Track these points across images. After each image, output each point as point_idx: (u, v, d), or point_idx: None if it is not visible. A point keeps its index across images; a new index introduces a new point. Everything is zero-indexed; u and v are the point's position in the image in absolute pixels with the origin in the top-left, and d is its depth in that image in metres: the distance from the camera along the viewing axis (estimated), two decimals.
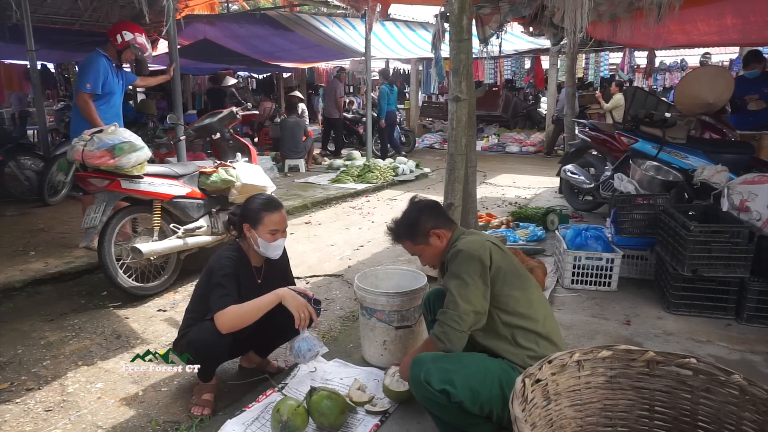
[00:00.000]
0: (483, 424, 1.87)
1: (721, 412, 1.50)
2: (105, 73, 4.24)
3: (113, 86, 4.34)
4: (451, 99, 3.30)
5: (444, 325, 1.90)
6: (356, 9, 5.44)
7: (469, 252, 1.96)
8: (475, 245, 1.98)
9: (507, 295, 1.95)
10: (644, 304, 3.48)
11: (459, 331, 1.88)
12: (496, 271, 1.95)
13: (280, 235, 2.43)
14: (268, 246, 2.41)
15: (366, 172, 8.22)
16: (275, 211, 2.41)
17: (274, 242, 2.41)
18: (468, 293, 1.89)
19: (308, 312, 2.26)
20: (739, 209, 3.39)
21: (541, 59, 13.46)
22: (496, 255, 1.98)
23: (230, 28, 10.07)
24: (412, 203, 2.26)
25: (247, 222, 2.41)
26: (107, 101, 4.34)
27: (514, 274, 2.00)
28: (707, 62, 11.37)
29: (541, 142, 12.12)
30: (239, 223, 2.45)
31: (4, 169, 6.20)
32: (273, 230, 2.39)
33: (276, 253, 2.46)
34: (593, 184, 5.62)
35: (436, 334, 1.93)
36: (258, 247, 2.41)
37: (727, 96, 5.30)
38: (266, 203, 2.43)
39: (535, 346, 1.92)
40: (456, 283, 1.93)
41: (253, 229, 2.39)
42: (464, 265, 1.93)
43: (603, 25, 5.62)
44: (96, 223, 3.53)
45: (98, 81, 4.20)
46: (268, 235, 2.38)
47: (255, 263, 2.50)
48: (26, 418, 2.35)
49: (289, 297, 2.26)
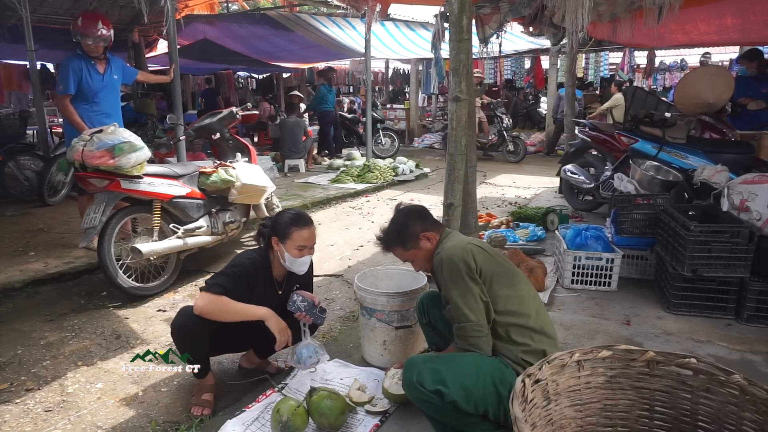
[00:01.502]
0: (480, 423, 1.88)
1: (721, 412, 1.50)
2: (78, 72, 4.16)
3: (93, 85, 4.24)
4: (451, 99, 3.30)
5: (469, 339, 1.91)
6: (356, 9, 5.44)
7: (453, 258, 1.98)
8: (457, 250, 2.00)
9: (496, 295, 1.96)
10: (644, 304, 3.48)
11: (483, 336, 1.91)
12: (482, 273, 1.97)
13: (308, 251, 2.42)
14: (294, 261, 2.40)
15: (366, 172, 8.21)
16: (305, 227, 2.40)
17: (301, 258, 2.40)
18: (471, 299, 1.91)
19: (289, 335, 2.32)
20: (739, 209, 3.39)
21: (541, 59, 13.46)
22: (479, 257, 1.99)
23: (230, 28, 10.07)
24: (397, 210, 2.29)
25: (276, 236, 2.40)
26: (90, 100, 4.27)
27: (501, 273, 2.02)
28: (707, 62, 11.38)
29: (541, 142, 12.12)
30: (268, 235, 2.44)
31: (4, 169, 6.20)
32: (301, 246, 2.37)
33: (302, 269, 2.46)
34: (593, 184, 5.62)
35: (465, 349, 1.94)
36: (284, 261, 2.40)
37: (727, 96, 5.30)
38: (296, 219, 2.42)
39: (530, 341, 1.93)
40: (455, 293, 1.94)
41: (281, 243, 2.38)
42: (454, 274, 1.96)
43: (603, 24, 5.62)
44: (96, 223, 3.52)
45: (69, 82, 4.13)
46: (295, 250, 2.37)
47: (277, 274, 2.50)
48: (26, 419, 2.35)
49: (273, 320, 2.29)
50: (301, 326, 2.44)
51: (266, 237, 2.47)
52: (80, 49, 4.23)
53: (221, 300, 2.22)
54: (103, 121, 4.15)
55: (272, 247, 2.43)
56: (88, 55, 4.23)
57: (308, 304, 2.42)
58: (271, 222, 2.48)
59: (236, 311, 2.26)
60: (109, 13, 7.79)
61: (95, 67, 4.26)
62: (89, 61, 4.23)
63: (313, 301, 2.45)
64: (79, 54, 4.22)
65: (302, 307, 2.39)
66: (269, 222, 2.50)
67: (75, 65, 4.16)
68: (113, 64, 4.41)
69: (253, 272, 2.37)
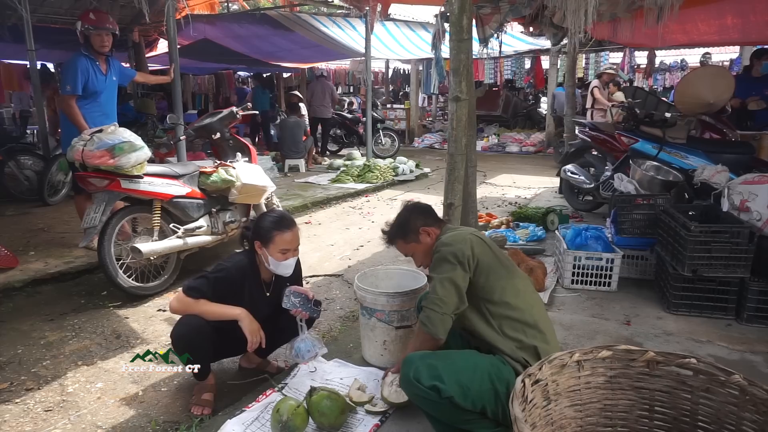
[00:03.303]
0: (479, 420, 1.88)
1: (721, 412, 1.50)
2: (85, 72, 4.14)
3: (98, 85, 4.25)
4: (451, 99, 3.30)
5: (427, 309, 1.96)
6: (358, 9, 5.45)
7: (449, 243, 2.03)
8: (457, 238, 2.06)
9: (492, 286, 1.99)
10: (644, 304, 3.48)
11: (441, 313, 1.93)
12: (479, 263, 2.00)
13: (291, 254, 2.40)
14: (279, 265, 2.38)
15: (366, 172, 8.22)
16: (286, 230, 2.36)
17: (285, 261, 2.38)
18: (447, 277, 1.95)
19: (261, 336, 2.32)
20: (740, 209, 3.39)
21: (541, 59, 13.46)
22: (478, 248, 2.02)
23: (230, 27, 10.07)
24: (404, 206, 2.35)
25: (258, 240, 2.38)
26: (93, 101, 4.26)
27: (499, 265, 2.05)
28: (707, 62, 11.37)
29: (541, 142, 12.12)
30: (251, 239, 2.43)
31: (4, 169, 6.20)
32: (284, 249, 2.35)
33: (286, 272, 2.44)
34: (593, 184, 5.62)
35: (421, 320, 1.99)
36: (269, 265, 2.39)
37: (727, 96, 5.30)
38: (277, 222, 2.38)
39: (522, 336, 1.94)
40: (436, 270, 2.00)
41: (264, 248, 2.36)
42: (443, 254, 2.00)
43: (603, 24, 5.61)
44: (96, 222, 3.53)
45: (77, 82, 4.11)
46: (278, 254, 2.35)
47: (265, 276, 2.49)
48: (26, 418, 2.35)
49: (246, 321, 2.30)
50: (298, 321, 2.45)
51: (249, 240, 2.45)
52: (84, 48, 4.21)
53: (198, 303, 2.25)
54: (103, 122, 4.13)
55: (256, 251, 2.42)
56: (96, 51, 4.22)
57: (302, 299, 2.41)
58: (253, 225, 2.45)
59: (210, 312, 2.28)
60: (110, 12, 7.80)
61: (99, 67, 4.26)
62: (94, 61, 4.23)
63: (306, 295, 2.44)
64: (84, 53, 4.19)
65: (297, 303, 2.39)
66: (251, 225, 2.48)
67: (82, 65, 4.14)
68: (113, 65, 4.42)
69: (239, 277, 2.36)
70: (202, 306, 2.26)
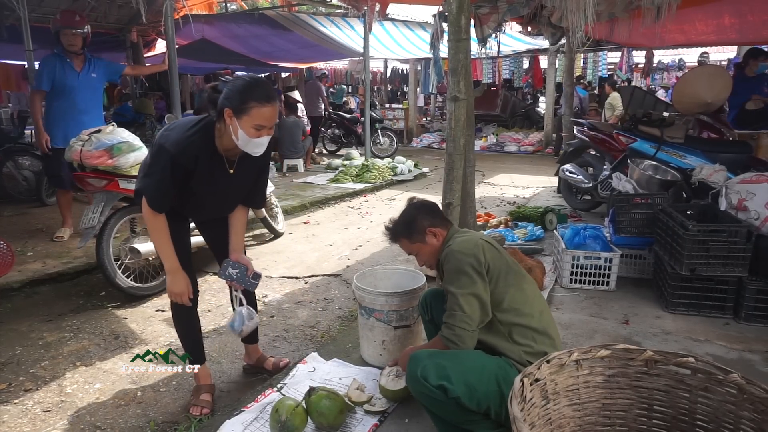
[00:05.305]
0: (481, 421, 1.88)
1: (720, 411, 1.50)
2: (52, 70, 4.38)
3: (67, 82, 4.44)
4: (449, 99, 3.30)
5: (454, 328, 1.90)
6: (356, 8, 5.44)
7: (463, 251, 1.97)
8: (469, 244, 2.00)
9: (502, 292, 1.96)
10: (642, 304, 3.49)
11: (470, 330, 1.90)
12: (490, 269, 1.96)
13: (266, 132, 2.05)
14: (249, 141, 2.03)
15: (364, 172, 8.22)
16: (266, 103, 2.00)
17: (257, 139, 2.04)
18: (470, 292, 1.90)
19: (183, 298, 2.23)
20: (737, 208, 3.40)
21: (539, 59, 13.47)
22: (489, 254, 1.99)
23: (228, 27, 10.06)
24: (409, 203, 2.28)
25: (230, 108, 2.00)
26: (66, 98, 4.47)
27: (508, 272, 2.01)
28: (705, 62, 11.40)
29: (540, 141, 12.14)
30: (221, 106, 2.04)
31: (2, 170, 6.19)
32: (258, 125, 2.00)
33: (255, 150, 2.09)
34: (591, 184, 5.63)
35: (447, 338, 1.92)
36: (237, 138, 2.03)
37: (725, 95, 5.31)
38: (257, 90, 2.00)
39: (532, 342, 1.93)
40: (456, 284, 1.93)
41: (235, 118, 2.00)
42: (460, 265, 1.94)
43: (601, 24, 5.62)
44: (94, 223, 3.52)
45: (42, 79, 4.37)
46: (251, 129, 2.00)
47: (226, 148, 2.14)
48: (24, 419, 2.35)
49: (170, 277, 2.19)
50: (233, 293, 2.38)
51: (218, 108, 2.06)
52: (58, 48, 4.45)
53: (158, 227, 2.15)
54: (79, 118, 4.42)
55: (223, 119, 2.05)
56: (67, 50, 4.43)
57: (240, 271, 2.31)
58: (226, 89, 2.05)
59: (158, 246, 2.20)
60: (107, 12, 7.79)
61: (71, 64, 4.47)
62: (64, 59, 4.45)
63: (246, 267, 2.32)
64: (55, 53, 4.46)
65: (233, 275, 2.31)
66: (222, 86, 2.08)
67: (50, 63, 4.40)
68: (94, 63, 4.60)
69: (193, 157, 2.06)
70: (158, 234, 2.16)
